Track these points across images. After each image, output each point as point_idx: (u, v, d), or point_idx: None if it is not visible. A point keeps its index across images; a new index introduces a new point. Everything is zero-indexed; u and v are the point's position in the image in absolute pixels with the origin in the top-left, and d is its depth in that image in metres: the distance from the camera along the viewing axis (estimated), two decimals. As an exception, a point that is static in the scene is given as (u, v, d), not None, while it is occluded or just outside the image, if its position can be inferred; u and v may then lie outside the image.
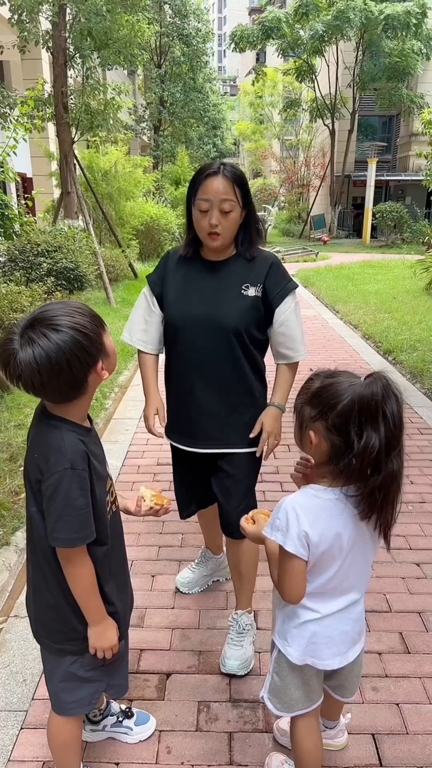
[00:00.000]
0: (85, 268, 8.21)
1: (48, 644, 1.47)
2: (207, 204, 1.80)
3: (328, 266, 15.36)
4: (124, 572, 1.56)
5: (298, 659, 1.44)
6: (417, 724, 1.86)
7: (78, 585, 1.35)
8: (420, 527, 3.04)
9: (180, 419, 2.08)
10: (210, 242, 1.87)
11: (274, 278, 1.94)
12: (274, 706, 1.52)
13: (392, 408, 1.21)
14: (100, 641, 1.41)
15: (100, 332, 1.29)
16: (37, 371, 1.18)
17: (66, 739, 1.55)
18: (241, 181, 1.84)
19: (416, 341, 6.75)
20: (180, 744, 1.79)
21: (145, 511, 1.63)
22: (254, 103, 34.03)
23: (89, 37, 8.90)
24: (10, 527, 2.83)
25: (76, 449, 1.29)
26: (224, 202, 1.79)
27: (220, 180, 1.79)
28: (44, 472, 1.27)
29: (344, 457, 1.24)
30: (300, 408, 1.33)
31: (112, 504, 1.47)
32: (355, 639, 1.48)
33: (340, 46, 22.86)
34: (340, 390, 1.24)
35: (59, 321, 1.21)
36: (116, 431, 4.39)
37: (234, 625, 2.13)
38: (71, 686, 1.48)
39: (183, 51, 21.62)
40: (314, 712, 1.53)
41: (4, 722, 1.86)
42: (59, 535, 1.28)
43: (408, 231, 22.14)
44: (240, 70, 56.14)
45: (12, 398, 4.33)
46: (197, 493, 2.22)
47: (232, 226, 1.86)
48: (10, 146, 5.81)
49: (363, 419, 1.21)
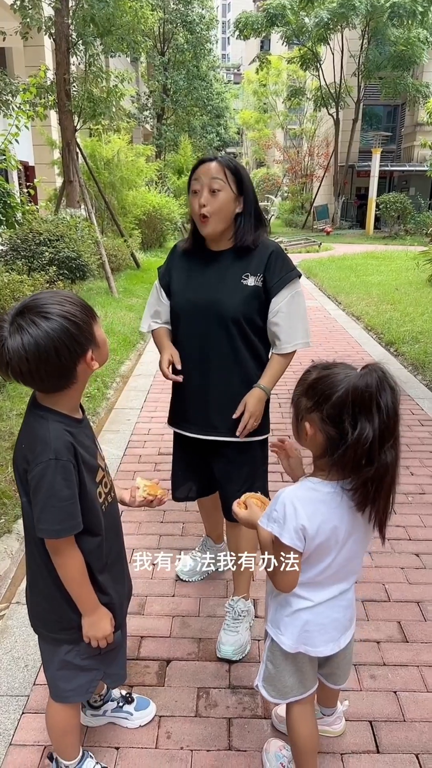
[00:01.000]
0: (87, 257, 8.18)
1: (44, 633, 1.48)
2: (198, 184, 1.86)
3: (331, 257, 15.30)
4: (121, 563, 1.56)
5: (291, 647, 1.45)
6: (414, 711, 1.88)
7: (67, 575, 1.36)
8: (419, 518, 3.05)
9: (183, 406, 2.10)
10: (202, 227, 1.90)
11: (273, 267, 1.94)
12: (268, 693, 1.53)
13: (386, 400, 1.21)
14: (93, 631, 1.42)
15: (90, 322, 1.29)
16: (26, 358, 1.19)
17: (64, 725, 1.57)
18: (235, 168, 1.87)
19: (418, 333, 6.74)
20: (179, 729, 1.81)
21: (139, 501, 1.63)
22: (258, 91, 33.77)
23: (92, 23, 8.82)
24: (12, 515, 2.85)
25: (62, 440, 1.29)
26: (214, 181, 1.83)
27: (213, 164, 1.86)
28: (30, 462, 1.28)
29: (338, 448, 1.24)
30: (297, 400, 1.34)
31: (107, 495, 1.47)
32: (346, 625, 1.50)
33: (346, 34, 22.64)
34: (335, 381, 1.24)
35: (49, 309, 1.21)
36: (118, 421, 4.40)
37: (230, 611, 2.16)
38: (68, 674, 1.49)
39: (186, 38, 21.42)
40: (309, 699, 1.55)
41: (6, 707, 1.89)
42: (44, 526, 1.29)
43: (411, 222, 22.03)
44: (244, 58, 55.63)
45: (14, 387, 4.34)
46: (196, 478, 2.23)
47: (221, 207, 1.86)
48: (13, 134, 5.78)
49: (357, 410, 1.21)
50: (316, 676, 1.56)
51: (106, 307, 7.56)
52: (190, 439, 2.10)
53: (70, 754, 1.60)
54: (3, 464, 3.28)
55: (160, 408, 4.61)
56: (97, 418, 4.26)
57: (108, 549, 1.46)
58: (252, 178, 2.32)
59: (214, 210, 1.85)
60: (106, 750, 1.75)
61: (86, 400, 4.35)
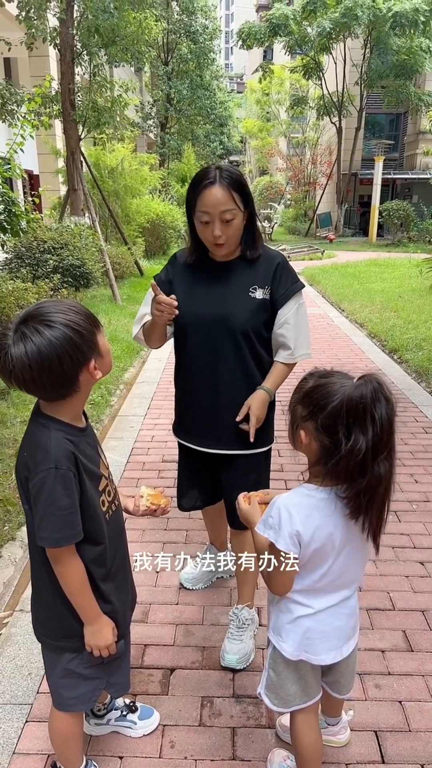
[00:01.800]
0: (91, 265, 8.22)
1: (47, 641, 1.48)
2: (207, 216, 1.79)
3: (334, 264, 15.32)
4: (124, 572, 1.56)
5: (292, 654, 1.45)
6: (420, 721, 1.87)
7: (68, 584, 1.36)
8: (424, 526, 3.04)
9: (190, 419, 2.09)
10: (216, 251, 1.88)
11: (280, 279, 1.94)
12: (271, 701, 1.53)
13: (381, 411, 1.20)
14: (95, 640, 1.41)
15: (93, 331, 1.30)
16: (28, 366, 1.19)
17: (67, 734, 1.56)
18: (240, 186, 1.80)
19: (422, 340, 6.73)
20: (183, 739, 1.80)
21: (142, 510, 1.62)
22: (261, 100, 33.96)
23: (97, 34, 8.90)
24: (16, 522, 2.85)
25: (62, 449, 1.29)
26: (225, 213, 1.77)
27: (217, 190, 1.76)
28: (31, 470, 1.28)
29: (332, 457, 1.25)
30: (293, 407, 1.34)
31: (110, 504, 1.47)
32: (349, 634, 1.49)
33: (348, 43, 22.78)
34: (330, 391, 1.24)
35: (52, 317, 1.22)
36: (121, 428, 4.40)
37: (234, 619, 2.15)
38: (71, 683, 1.48)
39: (190, 48, 21.58)
40: (313, 708, 1.54)
41: (10, 715, 1.88)
42: (43, 534, 1.29)
43: (415, 229, 21.99)
44: (247, 68, 55.98)
45: (18, 395, 4.35)
46: (202, 488, 2.23)
47: (236, 233, 1.85)
48: (18, 143, 5.82)
49: (351, 421, 1.21)
50: (319, 685, 1.55)
51: (109, 314, 7.58)
52: (196, 451, 2.10)
53: (73, 763, 1.59)
54: (7, 471, 3.28)
55: (164, 415, 4.61)
56: (100, 425, 4.27)
57: (111, 557, 1.46)
58: (255, 187, 2.30)
59: (229, 237, 1.83)
60: (110, 759, 1.74)
61: (90, 408, 4.36)
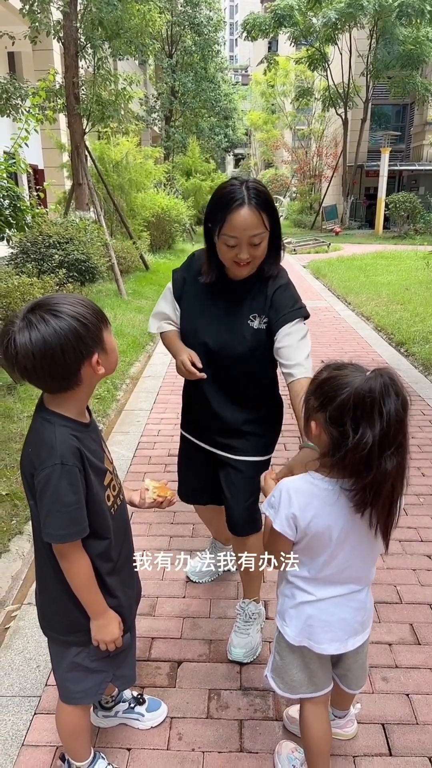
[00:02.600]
0: (96, 259, 8.21)
1: (53, 635, 1.49)
2: (235, 240, 1.70)
3: (340, 257, 15.26)
4: (130, 566, 1.56)
5: (294, 639, 1.46)
6: (427, 714, 1.87)
7: (74, 579, 1.36)
8: (431, 519, 3.03)
9: (196, 420, 2.11)
10: (238, 272, 1.80)
11: (277, 307, 1.84)
12: (276, 685, 1.54)
13: (390, 406, 1.18)
14: (101, 634, 1.42)
15: (99, 326, 1.30)
16: (32, 353, 1.19)
17: (74, 727, 1.57)
18: (268, 205, 1.71)
19: (429, 333, 6.70)
20: (191, 731, 1.81)
21: (149, 503, 1.63)
22: (266, 92, 33.81)
23: (100, 27, 8.86)
24: (23, 516, 2.86)
25: (68, 445, 1.29)
26: (254, 237, 1.70)
27: (247, 213, 1.66)
28: (36, 466, 1.28)
29: (340, 449, 1.24)
30: (307, 398, 1.34)
31: (116, 498, 1.47)
32: (357, 629, 1.49)
33: (354, 33, 22.58)
34: (341, 383, 1.24)
35: (60, 308, 1.23)
36: (128, 422, 4.41)
37: (241, 613, 2.15)
38: (77, 676, 1.49)
39: (194, 40, 21.45)
40: (323, 700, 1.54)
41: (18, 707, 1.90)
42: (49, 530, 1.29)
43: (421, 221, 21.91)
44: (252, 59, 55.65)
45: (24, 389, 4.36)
46: (206, 485, 2.22)
47: (262, 255, 1.78)
48: (22, 137, 5.81)
49: (359, 414, 1.20)
50: (329, 677, 1.55)
51: (115, 309, 7.58)
52: (199, 448, 2.11)
53: (81, 755, 1.60)
54: (14, 466, 3.29)
55: (170, 409, 4.62)
56: (107, 419, 4.27)
57: (117, 552, 1.47)
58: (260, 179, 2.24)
59: (256, 258, 1.76)
60: (118, 751, 1.75)
61: (96, 402, 4.37)
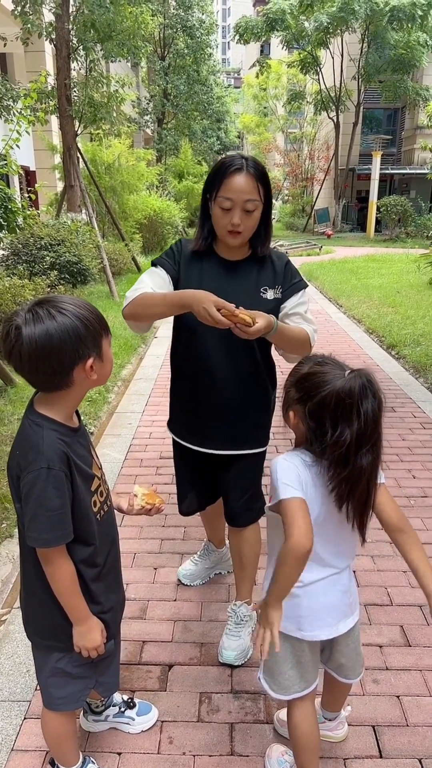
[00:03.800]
0: (88, 261, 8.20)
1: (36, 640, 1.48)
2: (230, 203, 1.74)
3: (331, 260, 15.30)
4: (116, 572, 1.55)
5: (284, 628, 1.46)
6: (417, 716, 1.87)
7: (57, 584, 1.35)
8: (422, 521, 3.04)
9: (189, 418, 2.05)
10: (230, 240, 1.82)
11: (289, 277, 1.92)
12: (269, 686, 1.53)
13: (367, 407, 1.25)
14: (83, 641, 1.41)
15: (101, 332, 1.31)
16: (35, 342, 1.21)
17: (59, 732, 1.56)
18: (265, 178, 1.78)
19: (419, 336, 6.74)
20: (182, 734, 1.81)
21: (137, 510, 1.62)
22: (258, 95, 33.88)
23: (93, 29, 8.86)
24: (13, 520, 2.85)
25: (55, 449, 1.28)
26: (248, 202, 1.74)
27: (244, 178, 1.72)
28: (23, 469, 1.28)
29: (318, 443, 1.31)
30: (287, 388, 1.41)
31: (102, 504, 1.46)
32: (345, 612, 1.50)
33: (345, 38, 22.72)
34: (322, 381, 1.29)
35: (66, 306, 1.25)
36: (119, 425, 4.39)
37: (232, 615, 2.15)
38: (60, 682, 1.48)
39: (187, 43, 21.49)
40: (310, 696, 1.54)
41: (8, 712, 1.88)
42: (33, 534, 1.28)
43: (412, 225, 22.03)
44: (244, 62, 55.81)
45: (15, 392, 4.34)
46: (200, 492, 2.21)
47: (253, 225, 1.81)
48: (14, 139, 5.79)
49: (338, 413, 1.26)
50: (317, 672, 1.55)
51: (107, 311, 7.56)
52: (195, 452, 2.06)
53: (69, 761, 1.59)
54: (4, 468, 3.28)
55: (162, 412, 4.61)
56: (98, 422, 4.26)
57: (102, 558, 1.46)
58: None
59: (246, 227, 1.79)
60: (108, 755, 1.74)
61: (87, 404, 4.36)
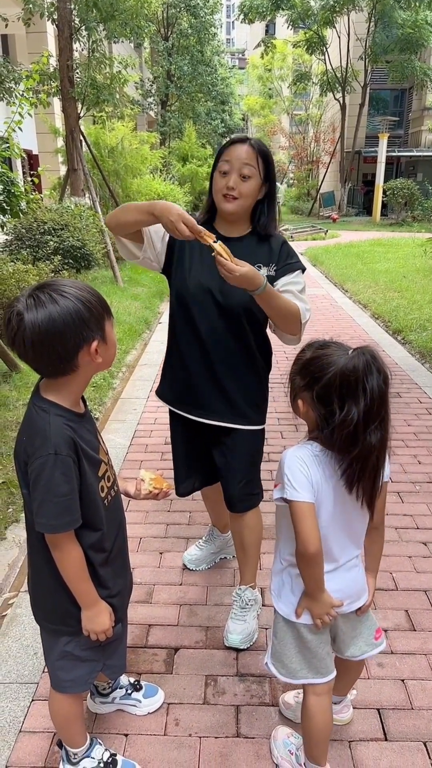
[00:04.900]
0: (92, 246, 8.14)
1: (45, 624, 1.49)
2: (227, 165, 1.82)
3: (337, 244, 15.19)
4: (123, 557, 1.56)
5: (288, 614, 1.48)
6: (422, 699, 1.88)
7: (66, 570, 1.36)
8: (427, 507, 3.04)
9: (184, 389, 2.04)
10: (224, 204, 1.85)
11: (284, 257, 1.93)
12: (277, 670, 1.54)
13: (373, 383, 1.25)
14: (91, 625, 1.42)
15: (103, 314, 1.30)
16: (32, 328, 1.20)
17: (67, 714, 1.57)
18: (266, 155, 1.85)
19: (426, 321, 6.69)
20: (188, 716, 1.83)
21: (144, 495, 1.63)
22: (263, 76, 33.39)
23: (95, 8, 8.70)
24: (19, 504, 2.86)
25: (62, 434, 1.28)
26: (245, 167, 1.80)
27: (245, 147, 1.82)
28: (30, 455, 1.28)
29: (328, 426, 1.31)
30: (292, 377, 1.40)
31: (110, 489, 1.47)
32: (352, 596, 1.50)
33: (352, 17, 22.31)
34: (326, 363, 1.29)
35: (67, 290, 1.24)
36: (124, 410, 4.40)
37: (237, 599, 2.16)
38: (68, 665, 1.49)
39: (190, 23, 21.15)
40: (326, 689, 1.53)
41: (16, 694, 1.91)
42: (41, 520, 1.29)
43: (419, 208, 21.77)
44: (249, 43, 54.90)
45: (20, 377, 4.34)
46: (198, 469, 2.21)
47: (249, 193, 1.84)
48: (16, 122, 5.72)
49: (344, 392, 1.27)
50: (331, 662, 1.54)
51: (111, 296, 7.54)
52: (190, 423, 2.06)
53: (77, 742, 1.61)
54: (10, 454, 3.29)
55: (167, 397, 4.60)
56: (103, 407, 4.26)
57: (110, 543, 1.46)
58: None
59: (241, 193, 1.83)
60: (115, 737, 1.76)
61: (92, 390, 4.36)
